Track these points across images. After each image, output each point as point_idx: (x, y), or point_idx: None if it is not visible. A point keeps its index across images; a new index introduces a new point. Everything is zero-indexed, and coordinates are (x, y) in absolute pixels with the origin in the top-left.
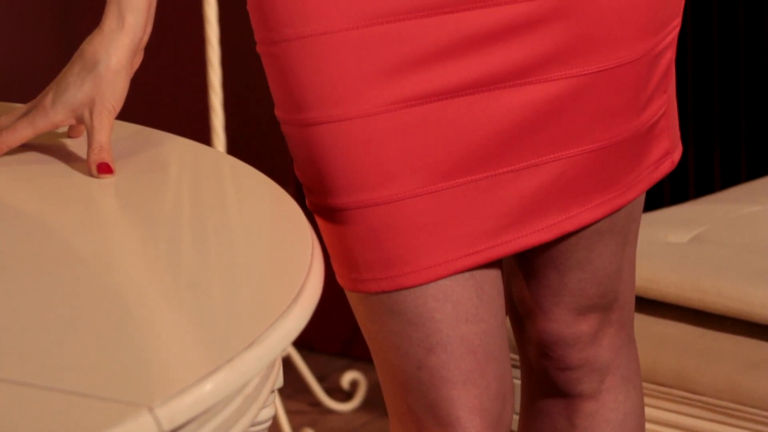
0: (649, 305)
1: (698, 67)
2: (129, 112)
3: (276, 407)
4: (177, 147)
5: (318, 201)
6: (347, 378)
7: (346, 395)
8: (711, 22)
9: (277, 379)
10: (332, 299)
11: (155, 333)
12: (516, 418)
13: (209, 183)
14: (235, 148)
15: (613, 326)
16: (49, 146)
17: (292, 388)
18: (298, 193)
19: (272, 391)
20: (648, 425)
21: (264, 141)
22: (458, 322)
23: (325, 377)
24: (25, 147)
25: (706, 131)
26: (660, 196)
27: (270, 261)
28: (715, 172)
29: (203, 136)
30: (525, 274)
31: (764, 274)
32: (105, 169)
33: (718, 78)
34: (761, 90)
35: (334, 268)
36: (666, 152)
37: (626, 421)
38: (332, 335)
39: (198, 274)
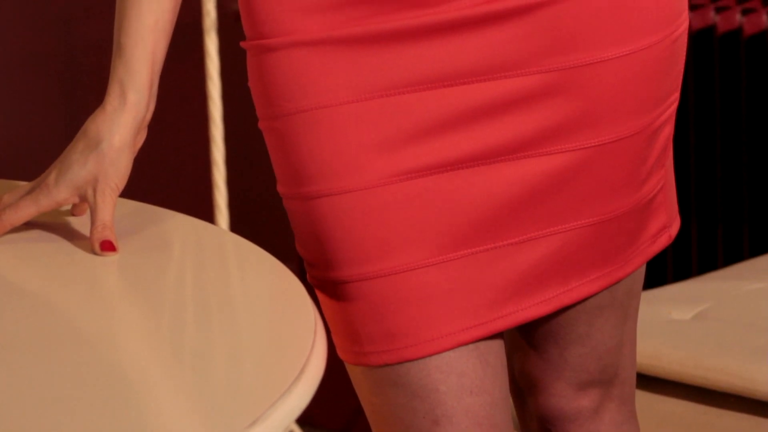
0: (652, 382)
1: (701, 144)
2: (132, 190)
3: None
4: (180, 224)
5: (319, 274)
6: None
7: None
8: (714, 98)
9: None
10: (335, 375)
11: (158, 411)
12: None
13: (212, 260)
14: (238, 225)
15: (615, 402)
16: (53, 224)
17: None
18: (300, 270)
19: None
20: None
21: (267, 218)
22: (463, 394)
23: None
24: (28, 225)
25: (708, 208)
26: (663, 273)
27: (273, 338)
28: (718, 249)
29: (206, 213)
30: (526, 348)
31: None
32: (108, 246)
33: (720, 155)
34: (764, 167)
35: (336, 341)
36: (663, 226)
37: None
38: (335, 412)
39: (201, 352)
